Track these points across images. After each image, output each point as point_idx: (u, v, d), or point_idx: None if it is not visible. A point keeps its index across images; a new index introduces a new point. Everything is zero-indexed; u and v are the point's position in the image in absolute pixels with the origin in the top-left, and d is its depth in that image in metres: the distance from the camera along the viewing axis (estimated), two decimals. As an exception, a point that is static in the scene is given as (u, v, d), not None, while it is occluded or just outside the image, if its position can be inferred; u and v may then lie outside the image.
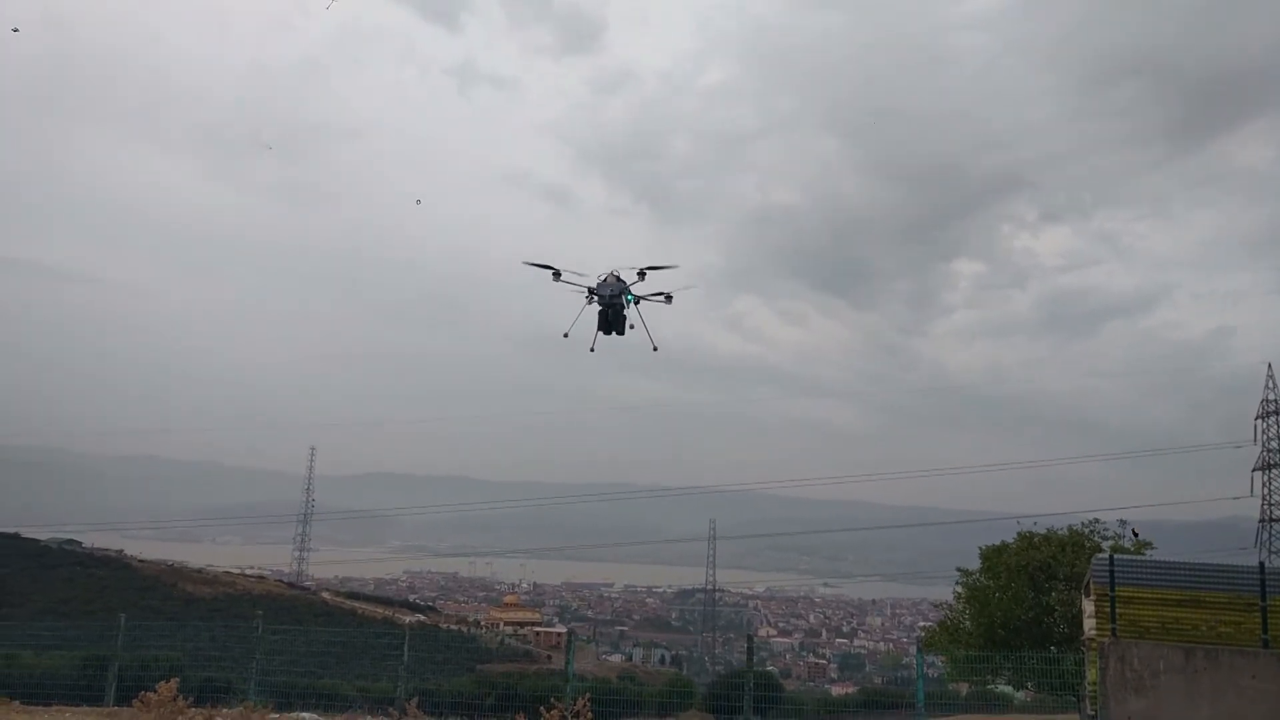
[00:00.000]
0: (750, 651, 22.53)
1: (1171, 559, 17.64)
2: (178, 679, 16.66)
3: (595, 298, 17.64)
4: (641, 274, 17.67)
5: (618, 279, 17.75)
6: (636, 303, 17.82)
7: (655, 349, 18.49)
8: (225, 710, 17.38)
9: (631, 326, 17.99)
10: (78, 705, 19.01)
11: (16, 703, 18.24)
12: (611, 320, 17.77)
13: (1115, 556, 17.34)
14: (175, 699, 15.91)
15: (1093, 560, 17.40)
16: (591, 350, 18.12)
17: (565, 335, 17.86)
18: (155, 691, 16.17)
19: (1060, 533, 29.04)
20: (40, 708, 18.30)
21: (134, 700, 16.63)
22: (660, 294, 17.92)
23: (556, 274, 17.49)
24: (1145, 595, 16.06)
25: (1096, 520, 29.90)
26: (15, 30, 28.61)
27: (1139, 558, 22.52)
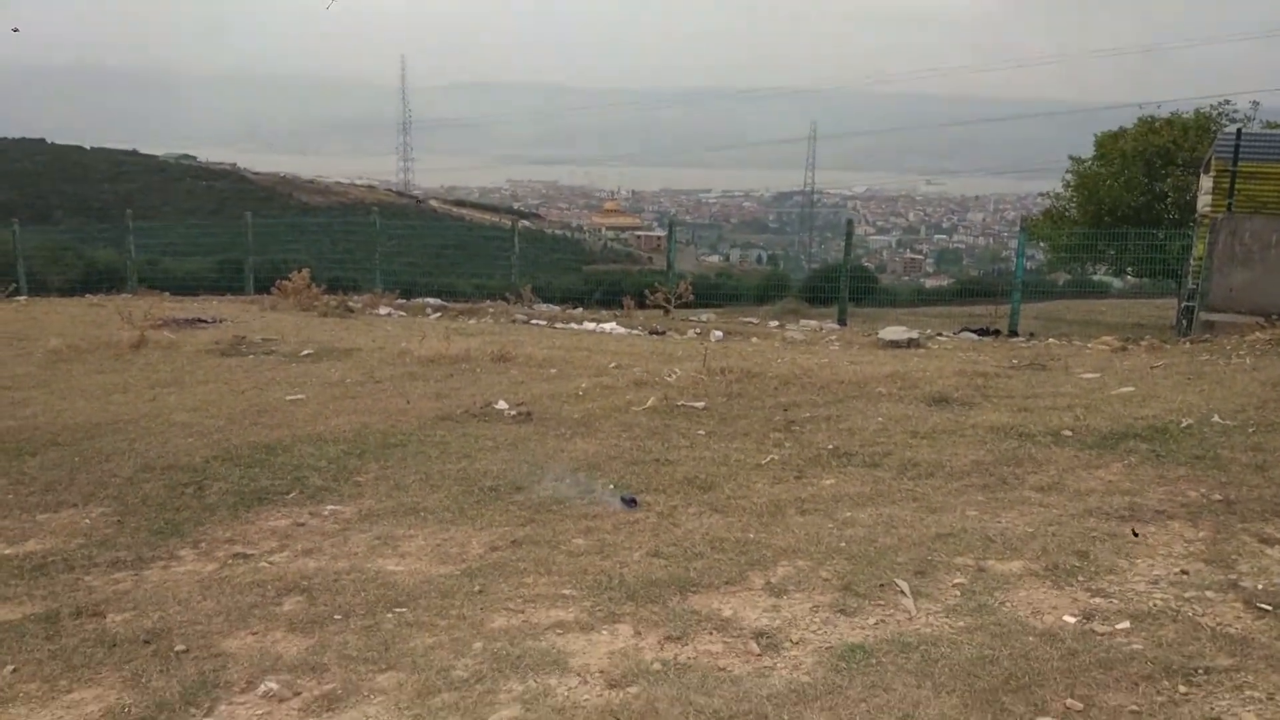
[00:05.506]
0: (849, 243, 21.64)
1: (1305, 134, 16.68)
2: (309, 269, 17.96)
3: None
4: None
5: None
6: None
7: None
8: (355, 296, 18.81)
9: None
10: (223, 294, 20.79)
11: (167, 293, 19.99)
12: None
13: (1243, 131, 16.45)
14: (309, 286, 17.23)
15: (1217, 136, 16.57)
16: None
17: None
18: (290, 280, 17.55)
19: (1185, 116, 27.38)
20: (189, 298, 20.06)
21: (272, 289, 18.12)
22: None
23: None
24: (1269, 170, 15.41)
25: (1227, 102, 27.97)
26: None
27: (1270, 132, 21.33)
